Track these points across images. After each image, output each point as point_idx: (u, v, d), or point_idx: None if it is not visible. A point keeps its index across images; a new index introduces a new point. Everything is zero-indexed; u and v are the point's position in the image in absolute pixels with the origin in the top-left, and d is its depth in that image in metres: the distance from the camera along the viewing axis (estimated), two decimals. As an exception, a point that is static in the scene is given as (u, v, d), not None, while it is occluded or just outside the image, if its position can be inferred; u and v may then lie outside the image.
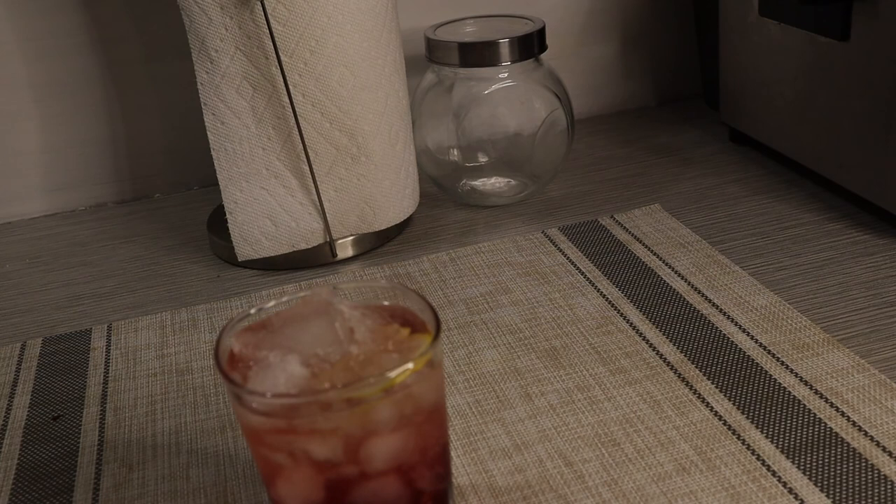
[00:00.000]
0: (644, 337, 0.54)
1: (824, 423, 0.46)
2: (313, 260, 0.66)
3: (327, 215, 0.64)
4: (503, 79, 0.68)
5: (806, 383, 0.48)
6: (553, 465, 0.45)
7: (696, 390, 0.49)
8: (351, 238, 0.66)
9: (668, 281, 0.59)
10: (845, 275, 0.58)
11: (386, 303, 0.40)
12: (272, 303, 0.40)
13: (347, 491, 0.36)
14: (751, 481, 0.43)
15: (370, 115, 0.62)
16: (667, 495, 0.42)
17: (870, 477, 0.42)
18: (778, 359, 0.50)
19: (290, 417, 0.35)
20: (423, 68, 0.72)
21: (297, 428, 0.35)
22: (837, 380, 0.48)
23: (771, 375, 0.49)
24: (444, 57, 0.68)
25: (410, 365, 0.35)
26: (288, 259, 0.66)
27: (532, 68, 0.69)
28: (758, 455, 0.44)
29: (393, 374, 0.35)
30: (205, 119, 0.62)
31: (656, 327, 0.54)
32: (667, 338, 0.53)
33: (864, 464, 0.43)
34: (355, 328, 0.37)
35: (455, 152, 0.70)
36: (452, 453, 0.46)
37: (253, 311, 0.39)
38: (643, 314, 0.56)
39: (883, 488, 0.41)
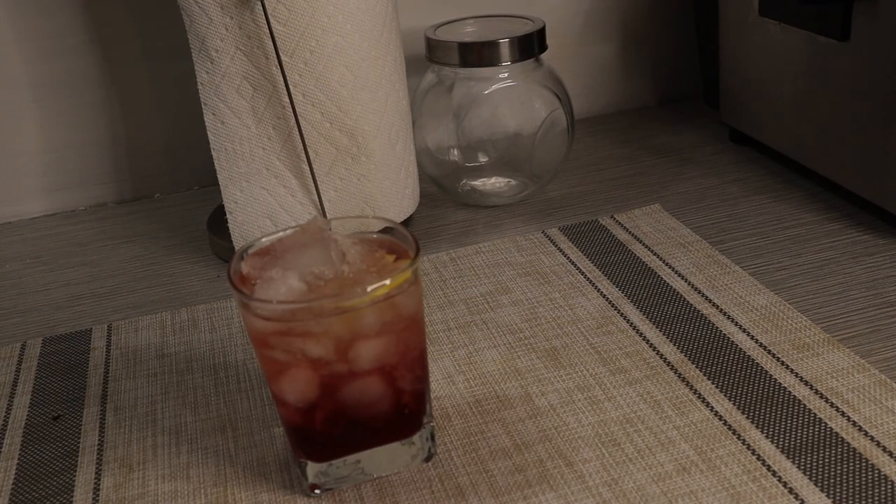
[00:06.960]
0: (644, 337, 0.54)
1: (824, 423, 0.46)
2: (313, 260, 0.66)
3: (327, 215, 0.64)
4: (503, 79, 0.68)
5: (806, 383, 0.48)
6: (553, 465, 0.45)
7: (696, 390, 0.49)
8: (351, 238, 0.66)
9: (668, 281, 0.59)
10: (845, 275, 0.58)
11: (375, 235, 0.46)
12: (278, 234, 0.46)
13: (339, 387, 0.42)
14: (751, 481, 0.43)
15: (370, 115, 0.62)
16: (667, 495, 0.42)
17: (870, 477, 0.42)
18: (778, 359, 0.51)
19: (289, 321, 0.41)
20: (423, 68, 0.72)
21: (294, 330, 0.41)
22: (838, 380, 0.48)
23: (771, 375, 0.49)
24: (444, 57, 0.68)
25: (387, 281, 0.40)
26: (288, 259, 0.66)
27: (532, 68, 0.69)
28: (758, 455, 0.44)
29: (370, 287, 0.40)
30: (205, 119, 0.62)
31: (656, 327, 0.54)
32: (667, 338, 0.53)
33: (864, 464, 0.43)
34: (347, 252, 0.43)
35: (455, 152, 0.70)
36: (452, 452, 0.46)
37: (264, 239, 0.45)
38: (643, 314, 0.56)
39: (883, 488, 0.41)
